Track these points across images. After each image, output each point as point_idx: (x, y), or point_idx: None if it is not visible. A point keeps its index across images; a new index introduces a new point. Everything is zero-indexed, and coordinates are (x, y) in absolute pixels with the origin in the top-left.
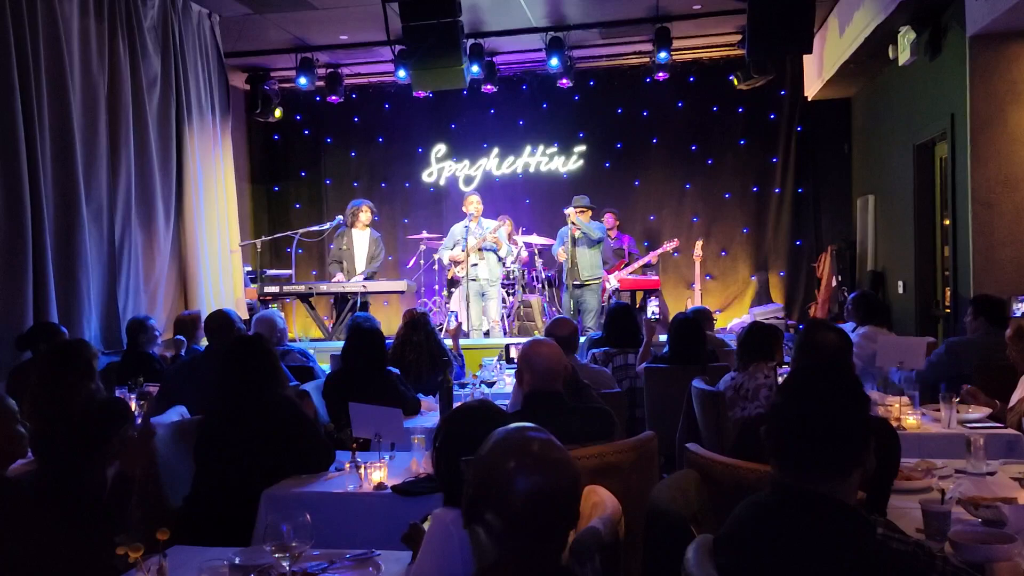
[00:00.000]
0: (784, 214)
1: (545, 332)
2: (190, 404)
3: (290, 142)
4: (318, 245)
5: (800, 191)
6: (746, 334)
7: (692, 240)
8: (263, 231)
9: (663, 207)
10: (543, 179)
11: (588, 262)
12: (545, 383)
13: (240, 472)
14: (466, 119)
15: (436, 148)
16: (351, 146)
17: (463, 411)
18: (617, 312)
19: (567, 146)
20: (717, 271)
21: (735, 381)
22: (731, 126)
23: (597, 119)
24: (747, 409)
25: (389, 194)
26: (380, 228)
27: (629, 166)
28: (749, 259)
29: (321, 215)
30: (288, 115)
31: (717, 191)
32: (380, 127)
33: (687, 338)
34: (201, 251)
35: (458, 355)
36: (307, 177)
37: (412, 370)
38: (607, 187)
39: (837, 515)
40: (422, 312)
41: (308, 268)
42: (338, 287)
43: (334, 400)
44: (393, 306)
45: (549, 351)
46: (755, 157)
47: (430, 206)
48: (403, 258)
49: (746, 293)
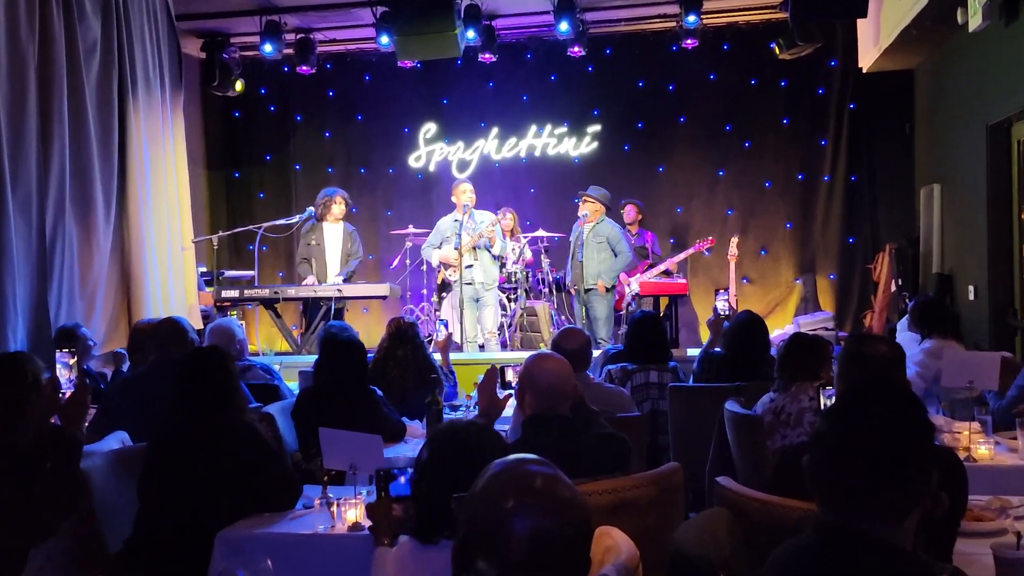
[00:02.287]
0: (834, 206)
1: (552, 345)
2: (133, 429)
3: (253, 120)
4: (286, 242)
5: (853, 179)
6: (787, 348)
7: (726, 237)
8: (221, 225)
9: (692, 198)
10: (551, 165)
11: (596, 268)
12: (550, 405)
13: (191, 510)
14: (460, 94)
15: (425, 128)
16: (325, 125)
17: (453, 431)
18: (643, 323)
19: (579, 126)
20: (755, 273)
21: (775, 404)
22: (772, 103)
23: (614, 94)
24: (788, 437)
25: (370, 182)
26: (357, 221)
27: (652, 149)
28: (793, 259)
29: (289, 206)
30: (251, 89)
31: (756, 179)
32: (359, 103)
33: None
34: (148, 248)
35: (449, 372)
36: (273, 161)
37: (396, 389)
38: (626, 174)
39: (893, 562)
40: (409, 321)
41: (274, 269)
42: (309, 291)
43: (303, 425)
44: (374, 313)
45: (555, 367)
46: (800, 139)
47: (418, 196)
48: (385, 257)
49: (789, 299)
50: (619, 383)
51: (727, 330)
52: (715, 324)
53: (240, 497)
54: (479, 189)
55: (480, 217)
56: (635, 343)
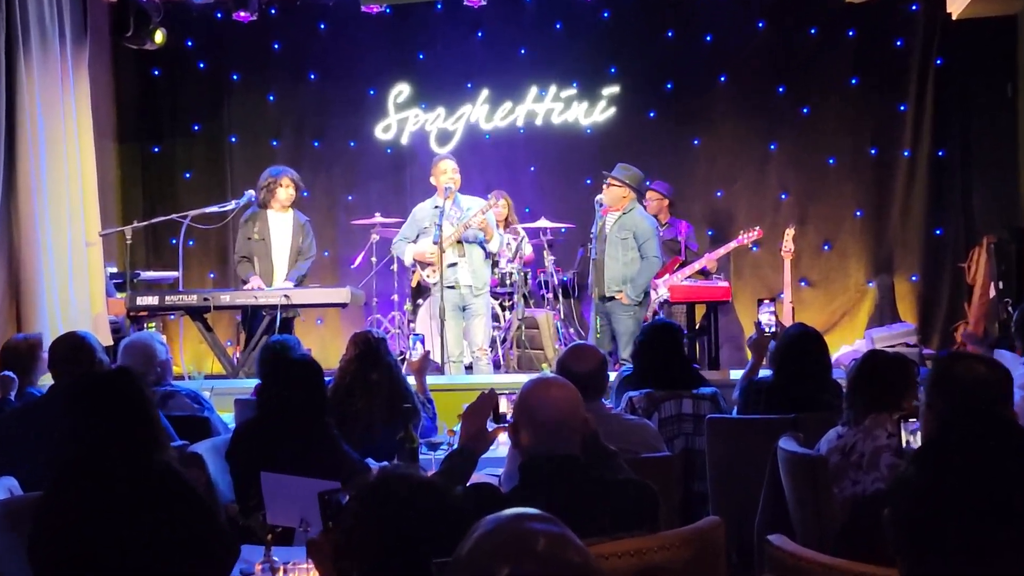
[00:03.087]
0: (917, 189)
1: (558, 366)
2: (24, 473)
3: (178, 81)
4: (219, 235)
5: (941, 154)
6: (861, 370)
7: (779, 228)
8: (136, 213)
9: (735, 178)
10: (556, 136)
11: (619, 271)
12: (554, 443)
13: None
14: (441, 47)
15: (396, 90)
16: (269, 87)
17: (379, 484)
18: (654, 335)
19: (592, 87)
20: (817, 274)
21: (843, 441)
22: (837, 58)
23: (636, 47)
24: (861, 483)
25: (326, 158)
26: (310, 209)
27: (684, 117)
28: (864, 256)
29: (224, 189)
30: (175, 40)
31: (817, 154)
32: (312, 59)
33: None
34: (42, 243)
35: (427, 401)
36: (203, 133)
37: (361, 423)
38: (651, 147)
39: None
40: (378, 336)
41: (203, 269)
42: (248, 297)
43: (241, 468)
44: (331, 326)
45: (560, 395)
46: (873, 104)
47: (387, 176)
48: (346, 254)
49: (860, 308)
50: (644, 414)
51: (776, 349)
52: (757, 344)
53: (160, 559)
54: (465, 167)
55: (466, 203)
56: (645, 363)
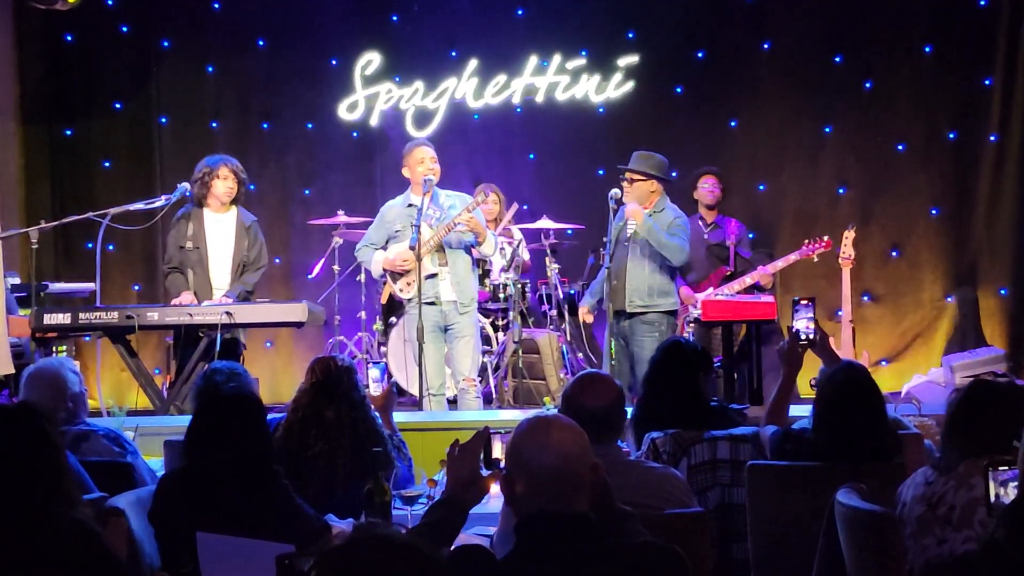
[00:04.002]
0: (1007, 182)
1: (563, 400)
2: None
3: (95, 49)
4: (145, 237)
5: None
6: (963, 403)
7: (837, 230)
8: (43, 212)
9: (781, 167)
10: (561, 117)
11: (644, 280)
12: (555, 499)
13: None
14: (420, 6)
15: (364, 60)
16: (207, 56)
17: (362, 546)
18: (668, 358)
19: (606, 57)
20: (883, 286)
21: (931, 490)
22: (907, 20)
23: (660, 8)
24: (949, 542)
25: (277, 144)
26: (258, 206)
27: (719, 93)
28: (942, 265)
29: (151, 182)
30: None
31: (882, 139)
32: (261, 22)
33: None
34: None
35: (400, 444)
36: (126, 113)
37: (320, 471)
38: (677, 131)
39: None
40: (342, 364)
41: (126, 279)
42: (182, 314)
43: (171, 526)
44: (282, 350)
45: (562, 439)
46: (952, 77)
47: (352, 166)
48: (301, 261)
49: (936, 328)
50: (670, 460)
51: (817, 399)
52: (790, 356)
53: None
54: (448, 155)
55: (448, 200)
56: (654, 393)
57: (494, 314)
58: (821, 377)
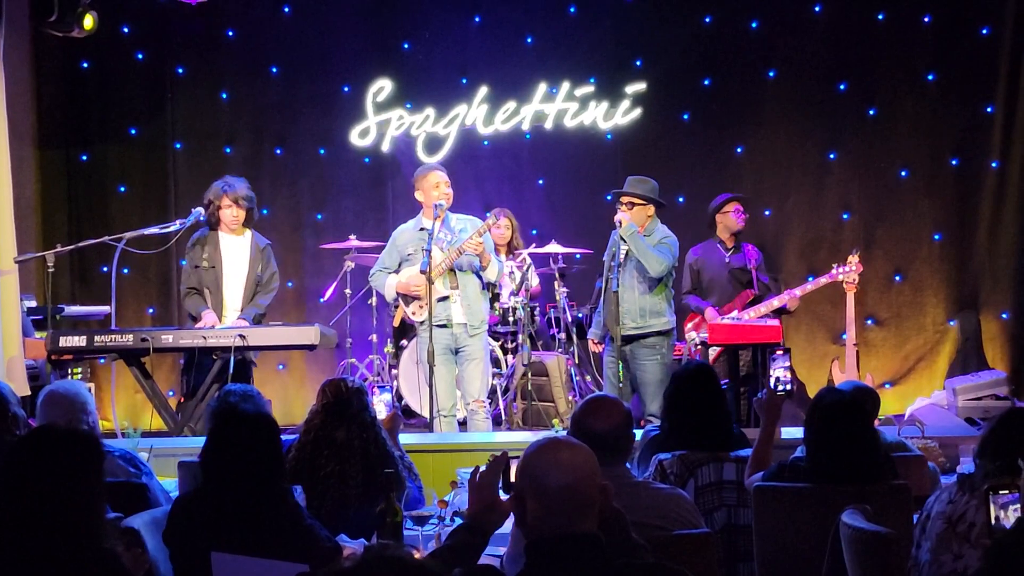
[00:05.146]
0: (1008, 207)
1: (572, 422)
2: None
3: (111, 75)
4: (160, 261)
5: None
6: (998, 429)
7: (841, 254)
8: (59, 236)
9: (787, 193)
10: (570, 143)
11: (635, 302)
12: (566, 520)
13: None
14: (431, 34)
15: (376, 86)
16: (221, 83)
17: (374, 567)
18: (687, 381)
19: (614, 84)
20: (887, 310)
21: (952, 508)
22: (910, 50)
23: (667, 36)
24: (965, 559)
25: (289, 169)
26: (271, 230)
27: (725, 120)
28: (944, 289)
29: (166, 207)
30: (108, 26)
31: (886, 165)
32: (274, 50)
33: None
34: None
35: (408, 465)
36: (141, 138)
37: (332, 493)
38: (684, 157)
39: None
40: (353, 386)
41: (140, 303)
42: (196, 337)
43: (185, 546)
44: (294, 371)
45: (573, 458)
46: (955, 104)
47: (364, 191)
48: (314, 285)
49: (939, 352)
50: (677, 481)
51: (808, 426)
52: (769, 407)
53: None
54: (459, 181)
55: (460, 224)
56: (676, 417)
57: (503, 337)
58: (812, 408)
